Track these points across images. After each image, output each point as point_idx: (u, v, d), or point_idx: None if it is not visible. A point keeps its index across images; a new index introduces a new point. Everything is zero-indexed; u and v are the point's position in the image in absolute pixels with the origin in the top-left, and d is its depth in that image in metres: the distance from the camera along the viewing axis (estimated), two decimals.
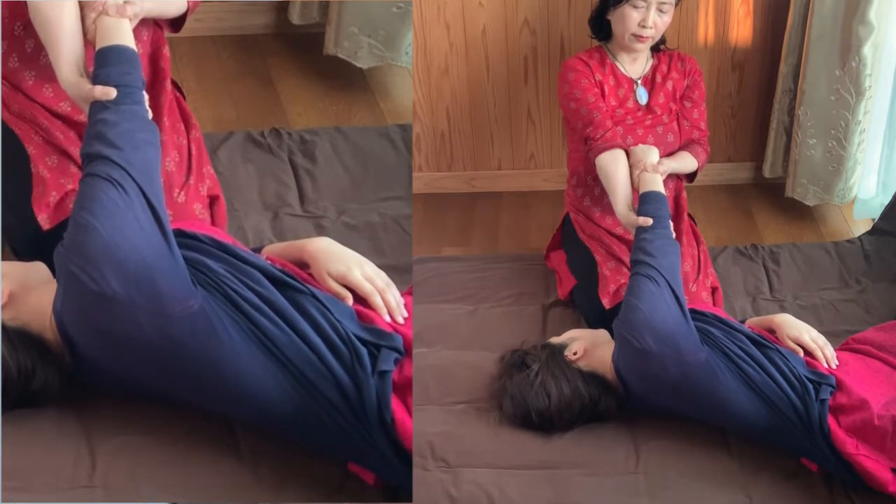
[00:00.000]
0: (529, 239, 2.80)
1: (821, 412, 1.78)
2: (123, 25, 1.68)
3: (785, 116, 2.74)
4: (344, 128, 2.54)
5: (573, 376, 1.92)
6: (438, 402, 2.04)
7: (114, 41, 1.64)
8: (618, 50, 2.34)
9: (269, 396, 1.50)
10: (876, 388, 1.83)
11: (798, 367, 1.86)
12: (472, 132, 2.96)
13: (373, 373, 1.51)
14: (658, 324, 1.80)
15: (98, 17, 1.67)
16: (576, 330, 2.09)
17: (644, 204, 2.07)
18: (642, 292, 1.84)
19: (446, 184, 3.05)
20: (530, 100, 2.88)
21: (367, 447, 1.52)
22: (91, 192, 1.46)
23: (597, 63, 2.32)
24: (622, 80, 2.34)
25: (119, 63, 1.62)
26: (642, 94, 2.34)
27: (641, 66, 2.37)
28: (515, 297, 2.42)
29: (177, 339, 1.45)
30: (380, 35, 2.66)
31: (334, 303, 1.60)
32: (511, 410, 1.95)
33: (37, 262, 1.66)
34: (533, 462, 1.88)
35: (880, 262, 2.52)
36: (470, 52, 2.80)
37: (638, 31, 2.22)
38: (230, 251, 1.61)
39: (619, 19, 2.24)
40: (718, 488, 1.82)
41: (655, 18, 2.20)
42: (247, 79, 2.76)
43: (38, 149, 1.88)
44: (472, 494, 1.82)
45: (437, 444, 1.92)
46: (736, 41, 2.76)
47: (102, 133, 1.52)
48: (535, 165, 3.01)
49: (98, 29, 1.67)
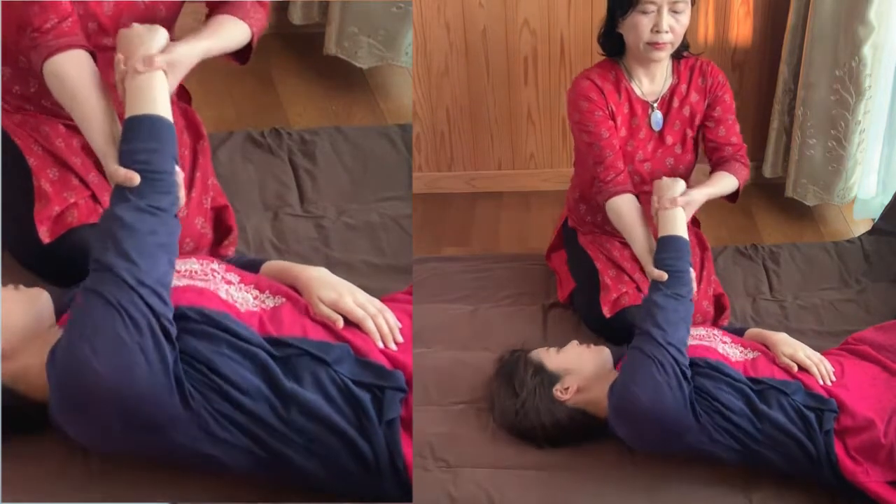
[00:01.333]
0: (529, 239, 2.80)
1: (826, 443, 1.74)
2: (155, 84, 1.55)
3: (785, 116, 2.73)
4: (344, 128, 2.54)
5: (560, 412, 1.86)
6: (438, 402, 2.04)
7: (143, 109, 1.51)
8: (634, 65, 2.16)
9: (274, 473, 1.49)
10: (877, 400, 1.81)
11: (797, 396, 1.79)
12: (472, 132, 2.96)
13: (380, 422, 1.49)
14: (660, 416, 1.71)
15: (126, 77, 1.55)
16: (576, 347, 1.96)
17: (661, 252, 1.94)
18: (644, 378, 1.72)
19: (446, 184, 3.05)
20: (530, 100, 2.88)
21: (375, 489, 1.51)
22: (94, 319, 1.35)
23: (612, 88, 2.15)
24: (637, 105, 2.18)
25: (147, 138, 1.50)
26: (657, 119, 2.19)
27: (660, 85, 2.19)
28: (515, 297, 2.42)
29: (172, 444, 1.42)
30: (380, 35, 2.66)
31: (328, 349, 1.53)
32: (500, 424, 1.94)
33: (38, 297, 1.56)
34: (532, 462, 1.88)
35: (880, 262, 2.51)
36: (470, 52, 2.80)
37: (653, 38, 2.03)
38: (222, 326, 1.48)
39: (631, 29, 2.05)
40: (717, 489, 1.81)
41: (670, 21, 2.02)
42: (247, 79, 2.76)
43: (38, 160, 1.86)
44: (472, 494, 1.82)
45: (437, 444, 1.92)
46: (736, 41, 2.76)
47: (118, 239, 1.41)
48: (535, 165, 3.01)
49: (127, 92, 1.54)
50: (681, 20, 2.04)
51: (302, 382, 1.47)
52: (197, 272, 1.63)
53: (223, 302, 1.54)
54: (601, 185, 2.14)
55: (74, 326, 1.37)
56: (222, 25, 1.83)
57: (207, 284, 1.58)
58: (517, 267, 2.55)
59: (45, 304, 1.54)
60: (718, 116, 2.21)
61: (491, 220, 2.92)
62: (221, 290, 1.58)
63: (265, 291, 1.63)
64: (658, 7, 2.01)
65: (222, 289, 1.59)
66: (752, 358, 1.90)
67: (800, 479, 1.80)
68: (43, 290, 1.57)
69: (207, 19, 1.88)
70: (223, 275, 1.65)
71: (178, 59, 1.62)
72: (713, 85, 2.20)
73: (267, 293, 1.63)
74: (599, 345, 1.99)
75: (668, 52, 2.10)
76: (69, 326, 1.39)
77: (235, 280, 1.64)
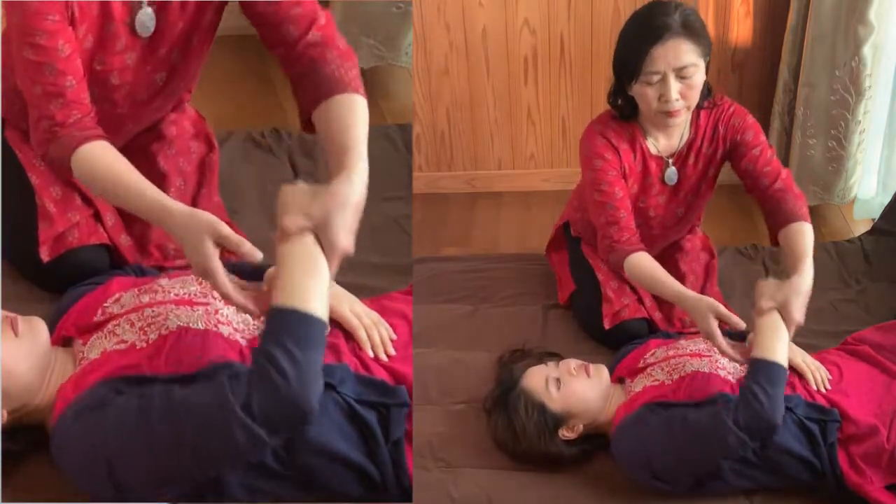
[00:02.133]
0: (529, 239, 2.80)
1: (830, 455, 1.73)
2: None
3: (785, 116, 2.73)
4: None
5: (566, 450, 1.83)
6: (438, 402, 2.04)
7: (295, 302, 1.35)
8: (648, 125, 2.04)
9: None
10: (878, 405, 1.79)
11: (798, 410, 1.76)
12: (472, 132, 2.96)
13: (386, 442, 1.50)
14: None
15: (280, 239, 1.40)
16: (574, 379, 1.85)
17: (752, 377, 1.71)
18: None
19: (446, 184, 3.05)
20: (530, 100, 2.88)
21: (375, 498, 1.52)
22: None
23: (627, 147, 2.03)
24: (651, 163, 2.06)
25: (308, 346, 1.33)
26: (671, 175, 2.08)
27: (677, 140, 2.06)
28: (515, 297, 2.42)
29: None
30: (380, 35, 2.66)
31: (331, 372, 1.51)
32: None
33: (38, 336, 1.51)
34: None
35: (880, 263, 2.51)
36: (470, 52, 2.80)
37: (664, 108, 1.90)
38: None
39: (640, 98, 1.92)
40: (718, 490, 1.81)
41: (678, 88, 1.86)
42: (247, 79, 2.76)
43: (41, 178, 1.84)
44: (472, 494, 1.82)
45: (437, 444, 1.92)
46: (736, 41, 2.76)
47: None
48: (535, 165, 3.02)
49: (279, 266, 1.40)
50: (692, 83, 1.88)
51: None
52: (196, 294, 1.59)
53: (225, 341, 1.51)
54: (614, 245, 2.02)
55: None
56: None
57: (207, 308, 1.55)
58: (517, 267, 2.55)
59: (44, 339, 1.52)
60: (743, 154, 2.04)
61: (491, 220, 2.92)
62: (222, 314, 1.56)
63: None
64: (662, 75, 1.86)
65: (222, 313, 1.56)
66: None
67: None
68: (40, 324, 1.52)
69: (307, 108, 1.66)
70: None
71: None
72: (727, 132, 2.04)
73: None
74: (598, 344, 1.99)
75: (685, 116, 1.97)
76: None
77: None
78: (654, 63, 1.84)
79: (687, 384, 1.79)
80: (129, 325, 1.52)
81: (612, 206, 2.01)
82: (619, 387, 1.92)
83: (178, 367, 1.42)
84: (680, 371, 1.84)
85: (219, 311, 1.56)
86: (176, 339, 1.47)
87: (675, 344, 1.97)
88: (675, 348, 1.94)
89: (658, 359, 1.92)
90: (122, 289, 1.64)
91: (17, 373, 1.44)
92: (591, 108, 2.88)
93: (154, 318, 1.51)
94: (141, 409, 1.34)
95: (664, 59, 1.83)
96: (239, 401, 1.29)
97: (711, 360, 1.86)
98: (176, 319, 1.50)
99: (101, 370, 1.45)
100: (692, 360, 1.87)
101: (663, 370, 1.87)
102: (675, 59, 1.84)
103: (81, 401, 1.40)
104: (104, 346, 1.50)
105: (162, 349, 1.46)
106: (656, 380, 1.85)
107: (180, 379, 1.39)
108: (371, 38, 2.66)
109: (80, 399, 1.40)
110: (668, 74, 1.84)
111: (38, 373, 1.48)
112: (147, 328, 1.50)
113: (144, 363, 1.44)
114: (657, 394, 1.80)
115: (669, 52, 1.83)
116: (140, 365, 1.44)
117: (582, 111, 2.89)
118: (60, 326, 1.61)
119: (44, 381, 1.48)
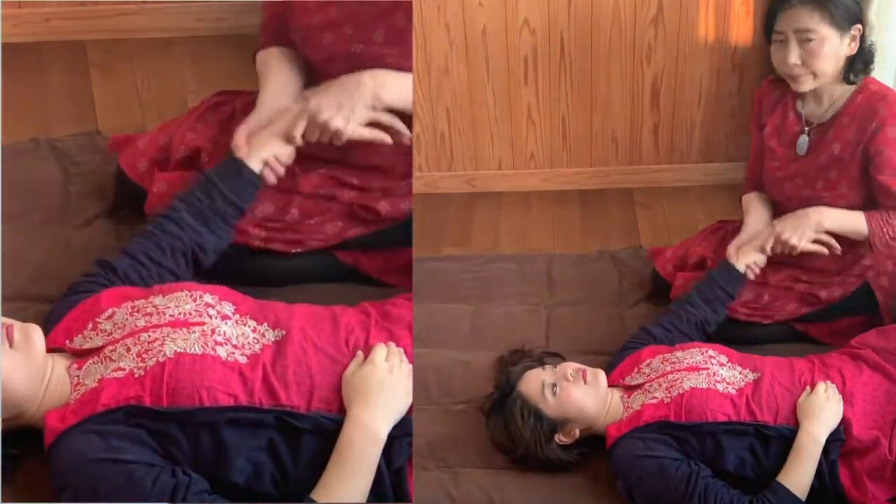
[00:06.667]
0: (529, 239, 2.80)
1: (832, 473, 1.73)
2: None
3: None
4: None
5: (563, 455, 1.84)
6: (438, 402, 2.04)
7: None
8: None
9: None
10: (880, 415, 1.79)
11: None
12: (472, 132, 2.96)
13: (388, 470, 1.50)
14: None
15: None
16: (571, 386, 1.84)
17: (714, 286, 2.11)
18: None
19: (446, 184, 3.05)
20: (530, 100, 2.88)
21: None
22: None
23: (772, 99, 2.13)
24: (791, 124, 2.10)
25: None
26: (802, 144, 2.07)
27: (824, 109, 2.05)
28: (515, 297, 2.42)
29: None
30: None
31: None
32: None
33: (34, 346, 1.49)
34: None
35: None
36: (470, 52, 2.80)
37: (783, 69, 1.97)
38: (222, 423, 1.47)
39: (772, 57, 2.00)
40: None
41: (799, 53, 1.92)
42: (247, 79, 2.76)
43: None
44: (472, 494, 1.82)
45: (437, 444, 1.93)
46: (736, 41, 2.76)
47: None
48: (535, 165, 3.01)
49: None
50: (814, 49, 1.91)
51: (311, 463, 1.48)
52: (191, 313, 1.58)
53: (223, 365, 1.50)
54: (744, 180, 2.30)
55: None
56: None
57: (203, 329, 1.54)
58: (517, 267, 2.55)
59: (39, 348, 1.50)
60: (875, 152, 1.97)
61: (491, 220, 2.92)
62: (219, 332, 1.55)
63: (264, 323, 1.60)
64: (785, 37, 1.94)
65: (219, 331, 1.55)
66: (754, 380, 1.85)
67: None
68: (36, 333, 1.51)
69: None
70: (218, 308, 1.61)
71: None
72: (880, 123, 1.95)
73: (266, 325, 1.60)
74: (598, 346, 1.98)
75: (810, 83, 1.98)
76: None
77: (231, 311, 1.61)
78: (778, 23, 1.96)
79: (686, 402, 1.79)
80: (125, 350, 1.50)
81: (753, 145, 2.25)
82: (616, 393, 1.91)
83: (175, 398, 1.43)
84: (678, 388, 1.82)
85: (215, 329, 1.55)
86: (174, 366, 1.46)
87: (672, 357, 1.94)
88: (672, 362, 1.91)
89: (655, 373, 1.90)
90: (114, 304, 1.61)
91: (12, 384, 1.43)
92: (591, 108, 2.88)
93: (150, 344, 1.50)
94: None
95: (787, 20, 1.94)
96: None
97: (709, 373, 1.86)
98: (172, 344, 1.49)
99: (100, 400, 1.44)
100: (689, 375, 1.85)
101: (661, 387, 1.85)
102: (795, 22, 1.93)
103: (93, 442, 1.41)
104: (101, 372, 1.49)
105: (160, 377, 1.45)
106: (654, 397, 1.84)
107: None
108: None
109: (92, 440, 1.41)
110: (789, 36, 1.93)
111: (33, 382, 1.47)
112: (144, 354, 1.49)
113: (145, 395, 1.44)
114: (657, 413, 1.80)
115: (793, 14, 1.93)
116: (140, 396, 1.44)
117: (582, 111, 2.89)
118: (54, 334, 1.59)
119: (40, 390, 1.48)
